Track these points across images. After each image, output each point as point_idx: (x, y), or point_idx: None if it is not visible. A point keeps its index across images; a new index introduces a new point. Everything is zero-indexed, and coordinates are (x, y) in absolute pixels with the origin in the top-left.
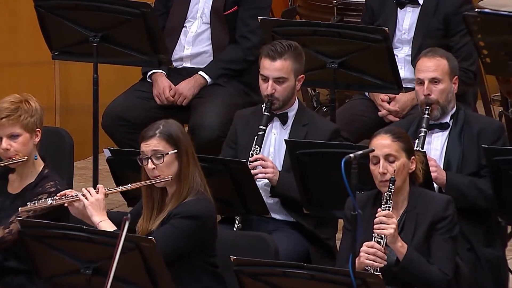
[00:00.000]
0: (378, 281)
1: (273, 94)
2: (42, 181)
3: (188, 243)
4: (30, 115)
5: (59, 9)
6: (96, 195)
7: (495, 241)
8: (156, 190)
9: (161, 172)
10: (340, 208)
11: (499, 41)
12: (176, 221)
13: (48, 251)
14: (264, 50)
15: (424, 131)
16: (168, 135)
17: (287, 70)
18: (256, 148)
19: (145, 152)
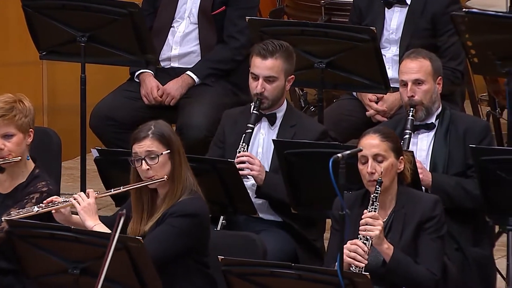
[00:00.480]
0: (365, 281)
1: (262, 93)
2: (33, 180)
3: (186, 242)
4: (25, 115)
5: (46, 9)
6: (88, 200)
7: (482, 241)
8: (145, 192)
9: (155, 172)
10: (328, 208)
11: (487, 41)
12: (173, 220)
13: (35, 251)
14: (256, 48)
15: (408, 133)
16: (161, 136)
17: (278, 70)
18: (244, 146)
19: (138, 153)
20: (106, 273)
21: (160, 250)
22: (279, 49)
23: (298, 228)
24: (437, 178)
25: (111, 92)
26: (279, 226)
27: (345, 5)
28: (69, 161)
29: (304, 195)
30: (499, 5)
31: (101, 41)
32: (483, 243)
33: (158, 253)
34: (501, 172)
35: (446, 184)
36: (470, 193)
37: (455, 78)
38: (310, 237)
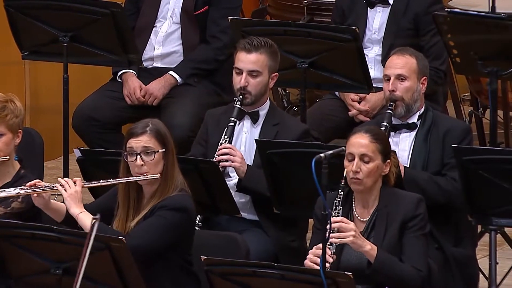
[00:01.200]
0: (348, 280)
1: (245, 88)
2: (19, 180)
3: (174, 236)
4: (16, 116)
5: (29, 9)
6: (75, 187)
7: (464, 241)
8: (133, 189)
9: (149, 169)
10: (311, 207)
11: (469, 41)
12: (163, 213)
13: (18, 251)
14: (241, 43)
15: (385, 125)
16: (159, 133)
17: (262, 64)
18: (226, 138)
19: (134, 148)
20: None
21: (148, 240)
22: (264, 45)
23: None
24: (409, 171)
25: (94, 92)
26: (261, 226)
27: (327, 5)
28: (52, 161)
29: (287, 194)
30: (481, 5)
31: (83, 41)
32: (465, 243)
33: (146, 243)
34: (483, 172)
35: (418, 177)
36: (442, 188)
37: (437, 78)
38: (288, 238)
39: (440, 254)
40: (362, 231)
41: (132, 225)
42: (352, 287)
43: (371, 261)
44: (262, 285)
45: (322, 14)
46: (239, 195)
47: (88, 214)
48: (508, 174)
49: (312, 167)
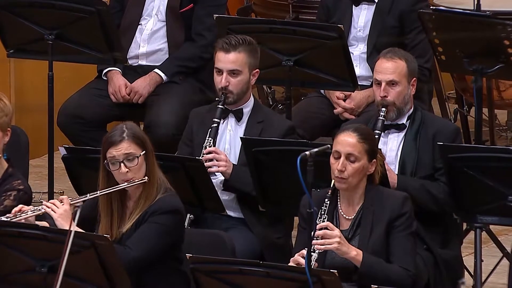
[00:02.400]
0: (333, 278)
1: (227, 87)
2: (8, 179)
3: (171, 239)
4: (5, 114)
5: (14, 6)
6: (63, 206)
7: (451, 242)
8: (114, 196)
9: (134, 174)
10: (296, 205)
11: (454, 39)
12: (156, 218)
13: (3, 249)
14: (219, 43)
15: (378, 133)
16: (136, 137)
17: (241, 63)
18: (210, 140)
19: (116, 156)
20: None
21: (147, 250)
22: (242, 43)
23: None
24: (402, 179)
25: (79, 90)
26: (247, 223)
27: (312, 3)
28: (37, 159)
29: (272, 192)
30: (466, 2)
31: (68, 39)
32: (452, 244)
33: (145, 252)
34: (468, 169)
35: (411, 186)
36: (435, 196)
37: (422, 76)
38: (274, 235)
39: (428, 254)
40: (347, 228)
41: (123, 231)
42: (337, 285)
43: (357, 265)
44: (247, 282)
45: (307, 12)
46: (225, 193)
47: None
48: (493, 171)
49: (298, 165)
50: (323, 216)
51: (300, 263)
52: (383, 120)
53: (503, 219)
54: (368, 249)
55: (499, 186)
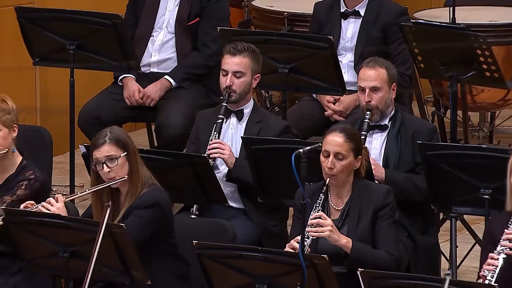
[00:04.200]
0: (324, 262)
1: (230, 87)
2: (22, 171)
3: (153, 229)
4: (8, 112)
5: (39, 20)
6: (57, 204)
7: (430, 230)
8: (105, 193)
9: (116, 173)
10: (291, 197)
11: (432, 48)
12: (138, 212)
13: (29, 236)
14: (227, 48)
15: (364, 134)
16: (118, 140)
17: (245, 66)
18: (215, 134)
19: (99, 158)
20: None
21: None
22: (247, 49)
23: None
24: (389, 173)
25: (97, 94)
26: (247, 213)
27: (305, 16)
28: (60, 156)
29: (270, 186)
30: (443, 16)
31: (88, 49)
32: (430, 232)
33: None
34: (444, 165)
35: (398, 178)
36: (419, 187)
37: (403, 82)
38: (271, 224)
39: (410, 241)
40: (337, 218)
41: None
42: (328, 268)
43: (348, 252)
44: (247, 266)
45: (301, 25)
46: (227, 186)
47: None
48: (467, 167)
49: (292, 161)
50: (318, 207)
51: (295, 249)
52: (368, 122)
53: (475, 210)
54: (356, 237)
55: (472, 180)
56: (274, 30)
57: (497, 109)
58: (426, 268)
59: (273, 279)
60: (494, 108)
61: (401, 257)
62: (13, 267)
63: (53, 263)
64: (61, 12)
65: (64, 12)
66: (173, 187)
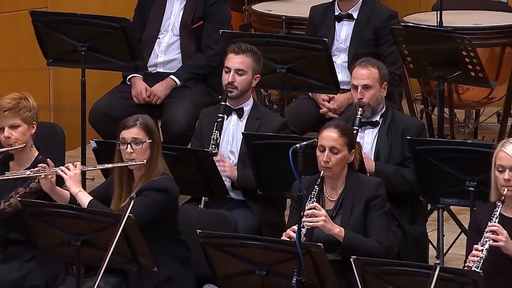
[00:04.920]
0: (319, 250)
1: (232, 83)
2: (37, 164)
3: (159, 211)
4: (29, 110)
5: (52, 23)
6: (74, 170)
7: (418, 220)
8: (125, 174)
9: (137, 156)
10: (288, 189)
11: (421, 50)
12: (147, 193)
13: (43, 226)
14: (231, 47)
15: (356, 129)
16: (146, 126)
17: (247, 65)
18: (216, 132)
19: (126, 138)
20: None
21: (137, 216)
22: (250, 50)
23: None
24: (379, 165)
25: (107, 93)
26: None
27: (302, 20)
28: (72, 150)
29: (269, 178)
30: (431, 20)
31: (98, 50)
32: (419, 221)
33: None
34: (432, 159)
35: (387, 171)
36: (407, 179)
37: (394, 81)
38: (270, 214)
39: (400, 230)
40: (331, 209)
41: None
42: (323, 256)
43: (340, 240)
44: (248, 254)
45: (297, 28)
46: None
47: (85, 193)
48: (453, 161)
49: (290, 156)
50: (313, 199)
51: (291, 237)
52: (360, 118)
53: (461, 201)
54: (349, 226)
55: (458, 173)
56: (273, 32)
57: (481, 106)
58: (415, 256)
59: (271, 266)
60: (479, 106)
61: (391, 245)
62: (27, 255)
63: (66, 251)
64: (73, 16)
65: (76, 16)
66: (179, 179)
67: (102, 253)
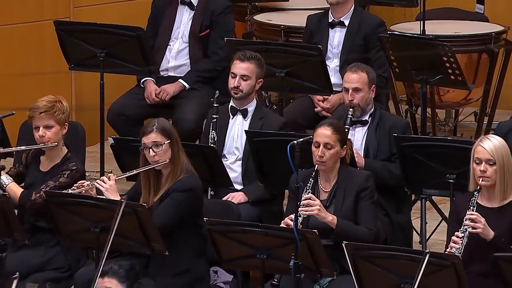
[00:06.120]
0: (315, 236)
1: (238, 87)
2: (66, 161)
3: (186, 211)
4: (62, 112)
5: (74, 32)
6: (109, 182)
7: (403, 209)
8: (152, 173)
9: (160, 157)
10: (286, 181)
11: (405, 56)
12: (175, 195)
13: (66, 215)
14: (237, 54)
15: (347, 127)
16: (163, 129)
17: (251, 71)
18: (213, 132)
19: (146, 143)
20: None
21: (167, 219)
22: (254, 57)
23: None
24: (368, 161)
25: (123, 95)
26: None
27: (299, 29)
28: (92, 146)
29: (269, 171)
30: (414, 28)
31: (115, 56)
32: (404, 211)
33: (166, 221)
34: (416, 154)
35: (375, 166)
36: (393, 173)
37: (381, 83)
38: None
39: (387, 218)
40: (325, 199)
41: (154, 200)
42: (317, 241)
43: (333, 227)
44: (250, 239)
45: (295, 36)
46: (233, 172)
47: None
48: (435, 156)
49: (287, 151)
50: (308, 190)
51: (289, 225)
52: (351, 117)
53: (442, 192)
54: (341, 214)
55: (439, 167)
56: (272, 40)
57: (460, 107)
58: (401, 241)
59: (271, 250)
60: (458, 106)
61: (379, 232)
62: (52, 241)
63: (86, 237)
64: (93, 25)
65: (95, 25)
66: None
67: (119, 238)
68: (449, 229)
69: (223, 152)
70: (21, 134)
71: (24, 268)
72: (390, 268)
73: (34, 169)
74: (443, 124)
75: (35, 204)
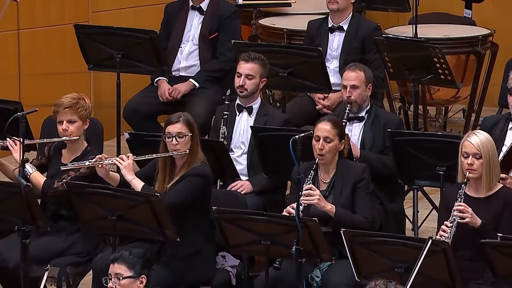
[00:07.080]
0: (315, 224)
1: (243, 86)
2: (85, 154)
3: (198, 194)
4: (85, 109)
5: (93, 34)
6: (128, 160)
7: (397, 198)
8: (168, 161)
9: (180, 147)
10: (289, 173)
11: (399, 57)
12: (189, 178)
13: (85, 203)
14: (242, 55)
15: (345, 121)
16: (188, 122)
17: (255, 71)
18: (223, 128)
19: (171, 132)
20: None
21: (179, 197)
22: (258, 58)
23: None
24: (363, 152)
25: (138, 93)
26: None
27: (301, 32)
28: (109, 141)
29: (273, 164)
30: (407, 32)
31: (131, 57)
32: (397, 200)
33: (178, 199)
34: (409, 148)
35: (370, 157)
36: (386, 164)
37: (377, 82)
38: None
39: (382, 207)
40: (325, 189)
41: (168, 187)
42: (317, 228)
43: (332, 216)
44: (255, 227)
45: (297, 38)
46: (239, 164)
47: (138, 179)
48: (426, 149)
49: (290, 145)
50: (309, 181)
51: (291, 213)
52: (349, 113)
53: (433, 183)
54: (339, 204)
55: (430, 159)
56: (276, 42)
57: (449, 104)
58: (394, 229)
59: (275, 236)
60: (447, 104)
61: (374, 220)
62: (72, 228)
63: (104, 224)
64: (110, 28)
65: (112, 28)
66: None
67: (134, 226)
68: (439, 218)
69: (231, 147)
70: (44, 128)
71: (46, 253)
72: (385, 253)
73: (56, 161)
74: (433, 120)
75: (56, 192)
